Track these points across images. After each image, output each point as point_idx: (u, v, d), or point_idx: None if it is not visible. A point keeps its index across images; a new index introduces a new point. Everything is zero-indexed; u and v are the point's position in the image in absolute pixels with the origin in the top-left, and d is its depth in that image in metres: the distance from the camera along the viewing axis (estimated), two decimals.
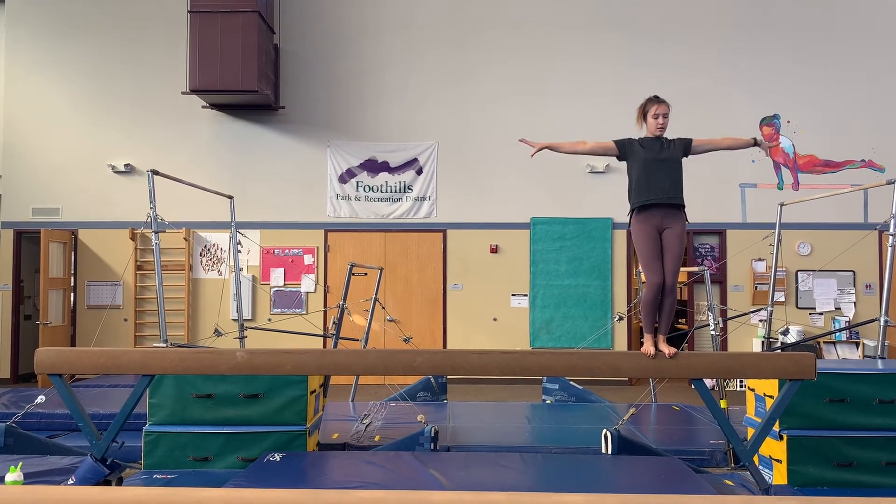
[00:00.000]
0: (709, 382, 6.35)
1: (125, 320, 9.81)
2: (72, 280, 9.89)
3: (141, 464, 4.94)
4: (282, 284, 9.94)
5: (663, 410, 7.24)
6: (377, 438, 5.85)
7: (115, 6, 10.08)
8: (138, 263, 9.77)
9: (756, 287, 9.78)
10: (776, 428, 4.57)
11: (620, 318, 7.96)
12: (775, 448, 4.72)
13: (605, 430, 5.09)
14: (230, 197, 7.24)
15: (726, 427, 4.27)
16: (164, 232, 5.89)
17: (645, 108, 4.24)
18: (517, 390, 9.00)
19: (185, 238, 9.68)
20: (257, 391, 4.91)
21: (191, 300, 9.80)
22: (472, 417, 6.83)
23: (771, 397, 4.73)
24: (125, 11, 10.06)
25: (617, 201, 5.13)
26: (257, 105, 9.81)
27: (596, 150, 4.33)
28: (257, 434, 4.89)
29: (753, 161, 9.90)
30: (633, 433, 5.88)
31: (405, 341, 7.27)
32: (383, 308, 8.25)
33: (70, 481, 4.21)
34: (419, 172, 10.01)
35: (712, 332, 6.52)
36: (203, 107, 9.86)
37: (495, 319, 9.90)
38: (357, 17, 10.11)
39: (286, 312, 9.72)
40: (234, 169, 9.93)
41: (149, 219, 5.64)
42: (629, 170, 4.24)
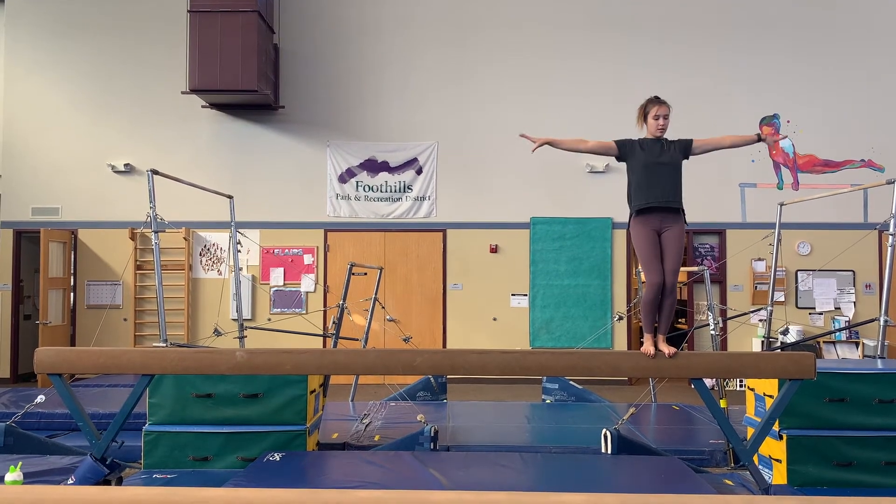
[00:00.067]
0: (708, 382, 6.35)
1: (125, 320, 9.81)
2: (71, 280, 9.89)
3: (141, 463, 4.94)
4: (281, 284, 9.94)
5: (663, 410, 7.24)
6: (377, 438, 5.85)
7: (115, 6, 10.08)
8: (138, 263, 9.77)
9: (756, 287, 9.78)
10: (776, 427, 4.57)
11: (620, 318, 7.95)
12: (775, 448, 4.73)
13: (605, 430, 5.09)
14: (230, 197, 7.24)
15: (726, 427, 4.27)
16: (164, 232, 5.89)
17: (646, 109, 4.23)
18: (517, 390, 9.00)
19: (185, 238, 9.68)
20: (257, 391, 4.91)
21: (190, 300, 9.80)
22: (472, 417, 6.83)
23: (771, 397, 4.73)
24: (125, 11, 10.06)
25: (617, 201, 5.13)
26: (257, 105, 9.81)
27: (597, 150, 4.32)
28: (257, 434, 4.90)
29: (753, 161, 9.91)
30: (633, 433, 5.89)
31: (405, 341, 7.27)
32: (383, 308, 8.25)
33: (70, 481, 4.21)
34: (419, 172, 10.00)
35: (712, 332, 6.52)
36: (203, 106, 9.86)
37: (495, 319, 9.91)
38: (357, 17, 10.11)
39: (286, 312, 9.72)
40: (234, 169, 9.93)
41: (148, 218, 5.64)
42: (629, 172, 4.23)
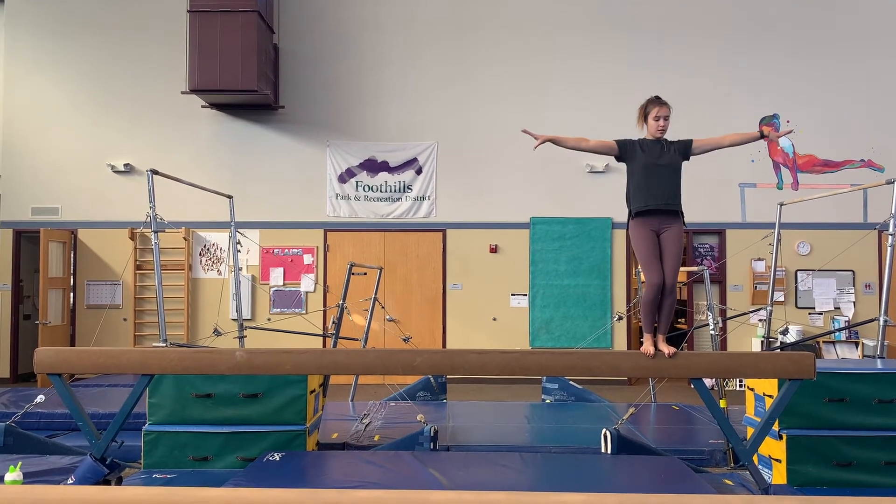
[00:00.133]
0: (708, 382, 6.36)
1: (124, 320, 9.81)
2: (71, 280, 9.88)
3: (140, 463, 4.94)
4: (281, 284, 9.94)
5: (663, 410, 7.24)
6: (377, 438, 5.85)
7: (115, 6, 10.07)
8: (138, 263, 9.77)
9: (755, 287, 9.78)
10: (775, 427, 4.57)
11: (620, 318, 7.95)
12: (775, 448, 4.73)
13: (605, 430, 5.09)
14: (229, 196, 7.24)
15: (726, 427, 4.27)
16: (164, 231, 5.89)
17: (646, 110, 4.21)
18: (517, 390, 9.00)
19: (185, 238, 9.68)
20: (257, 391, 4.91)
21: (190, 300, 9.80)
22: (472, 417, 6.83)
23: (770, 397, 4.73)
24: (125, 11, 10.05)
25: (616, 201, 5.12)
26: (257, 105, 9.81)
27: (598, 149, 4.31)
28: (257, 434, 4.90)
29: (753, 161, 9.91)
30: (633, 433, 5.89)
31: (405, 341, 7.27)
32: (383, 308, 8.24)
33: (69, 481, 4.21)
34: (419, 172, 10.00)
35: (712, 332, 6.52)
36: (202, 106, 9.86)
37: (495, 319, 9.90)
38: (356, 17, 10.10)
39: (286, 312, 9.72)
40: (234, 168, 9.93)
41: (148, 218, 5.64)
42: (629, 173, 4.23)
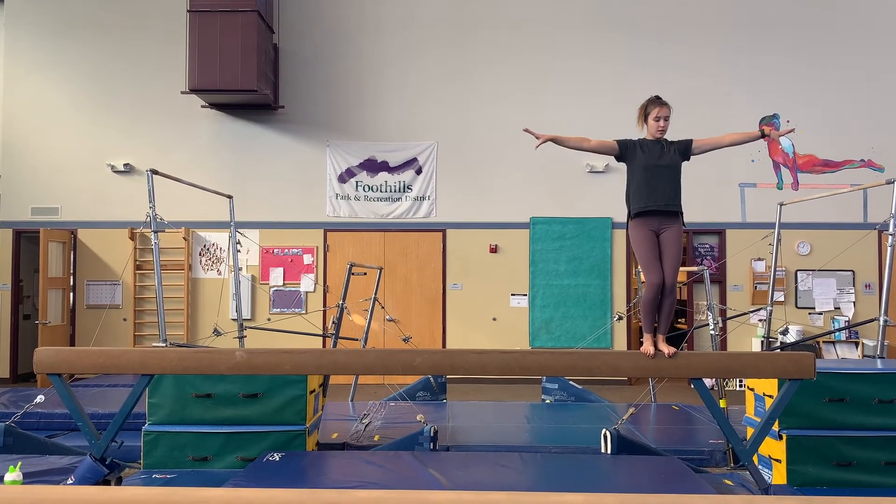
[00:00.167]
0: (708, 382, 6.35)
1: (124, 320, 9.81)
2: (71, 280, 9.88)
3: (140, 463, 4.94)
4: (281, 284, 9.93)
5: (663, 410, 7.24)
6: (376, 438, 5.85)
7: (115, 6, 10.07)
8: (137, 263, 9.77)
9: (755, 287, 9.78)
10: (775, 427, 4.57)
11: (620, 318, 7.95)
12: (775, 448, 4.72)
13: (605, 430, 5.09)
14: (229, 196, 7.24)
15: (726, 427, 4.27)
16: (164, 231, 5.89)
17: (646, 110, 4.21)
18: (516, 390, 9.00)
19: (185, 238, 9.67)
20: (256, 391, 4.91)
21: (190, 300, 9.80)
22: (472, 417, 6.83)
23: (770, 397, 4.73)
24: (125, 11, 10.05)
25: (616, 201, 5.13)
26: (257, 105, 9.81)
27: (599, 149, 4.30)
28: (256, 434, 4.89)
29: (753, 161, 9.91)
30: (633, 433, 5.89)
31: (404, 341, 7.27)
32: (383, 308, 8.24)
33: (69, 481, 4.21)
34: (418, 172, 10.00)
35: (712, 332, 6.52)
36: (202, 106, 9.85)
37: (495, 319, 9.90)
38: (356, 17, 10.10)
39: (285, 312, 9.72)
40: (234, 168, 9.93)
41: (148, 218, 5.64)
42: (629, 173, 4.22)
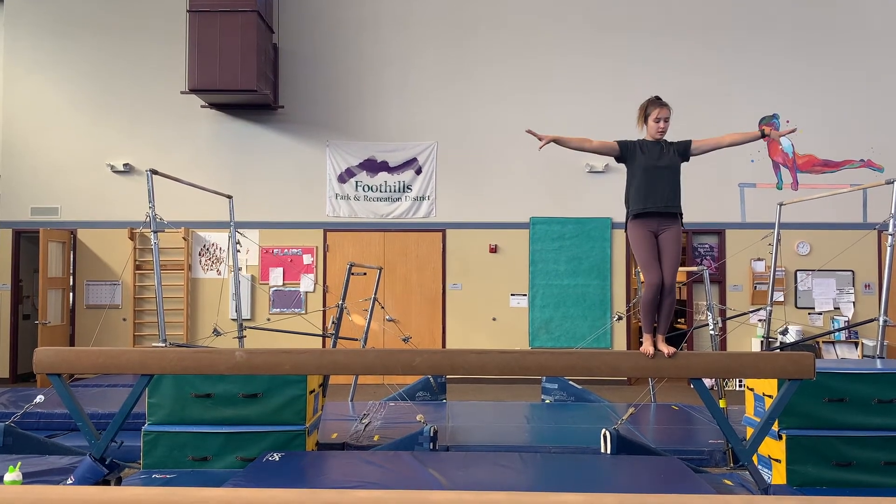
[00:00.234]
0: (708, 382, 6.35)
1: (124, 320, 9.81)
2: (71, 280, 9.88)
3: (140, 463, 4.93)
4: (281, 284, 9.93)
5: (662, 410, 7.24)
6: (376, 438, 5.85)
7: (115, 6, 10.07)
8: (137, 263, 9.77)
9: (755, 287, 9.78)
10: (775, 427, 4.57)
11: (619, 318, 7.94)
12: (774, 448, 4.72)
13: (605, 430, 5.09)
14: (229, 196, 7.24)
15: (725, 427, 4.27)
16: (163, 231, 5.89)
17: (647, 111, 4.21)
18: (516, 390, 9.00)
19: (184, 238, 9.67)
20: (256, 391, 4.91)
21: (190, 300, 9.80)
22: (472, 417, 6.83)
23: (770, 397, 4.73)
24: (125, 11, 10.05)
25: (616, 201, 5.13)
26: (256, 104, 9.81)
27: (600, 150, 4.30)
28: (256, 434, 4.89)
29: (753, 161, 9.91)
30: (633, 433, 5.89)
31: (404, 341, 7.27)
32: (382, 308, 8.24)
33: (69, 481, 4.21)
34: (418, 172, 10.00)
35: (711, 332, 6.52)
36: (202, 106, 9.85)
37: (494, 319, 9.90)
38: (356, 17, 10.10)
39: (285, 312, 9.72)
40: (234, 168, 9.92)
41: (147, 218, 5.64)
42: (628, 174, 4.22)
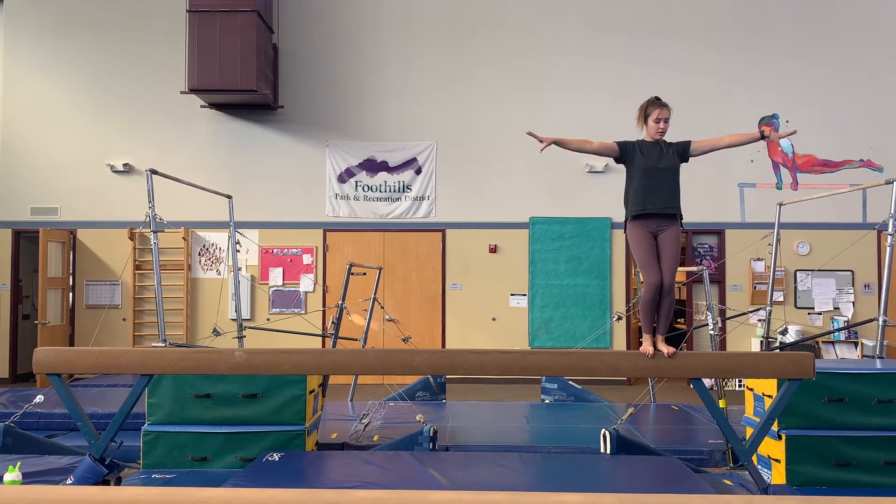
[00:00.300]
0: (707, 382, 6.35)
1: (124, 320, 9.80)
2: (70, 280, 9.88)
3: (139, 463, 4.93)
4: (280, 284, 9.93)
5: (662, 410, 7.24)
6: (376, 438, 5.85)
7: (115, 6, 10.07)
8: (137, 263, 9.77)
9: (755, 287, 9.78)
10: (775, 427, 4.57)
11: (619, 318, 7.94)
12: (774, 448, 4.72)
13: (604, 430, 5.09)
14: (229, 196, 7.24)
15: (725, 427, 4.27)
16: (163, 231, 5.89)
17: (647, 111, 4.21)
18: (516, 390, 9.00)
19: (184, 238, 9.67)
20: (256, 391, 4.91)
21: (189, 300, 9.80)
22: (471, 417, 6.83)
23: (770, 397, 4.73)
24: (124, 11, 10.05)
25: (616, 201, 5.12)
26: (256, 104, 9.80)
27: (600, 151, 4.31)
28: (256, 434, 4.89)
29: (752, 161, 9.91)
30: (632, 433, 5.89)
31: (404, 341, 7.27)
32: (382, 308, 8.24)
33: (69, 481, 4.20)
34: (418, 172, 10.00)
35: (711, 332, 6.52)
36: (202, 106, 9.85)
37: (494, 319, 9.90)
38: (356, 17, 10.10)
39: (285, 312, 9.72)
40: (233, 168, 9.92)
41: (147, 218, 5.63)
42: (628, 175, 4.23)
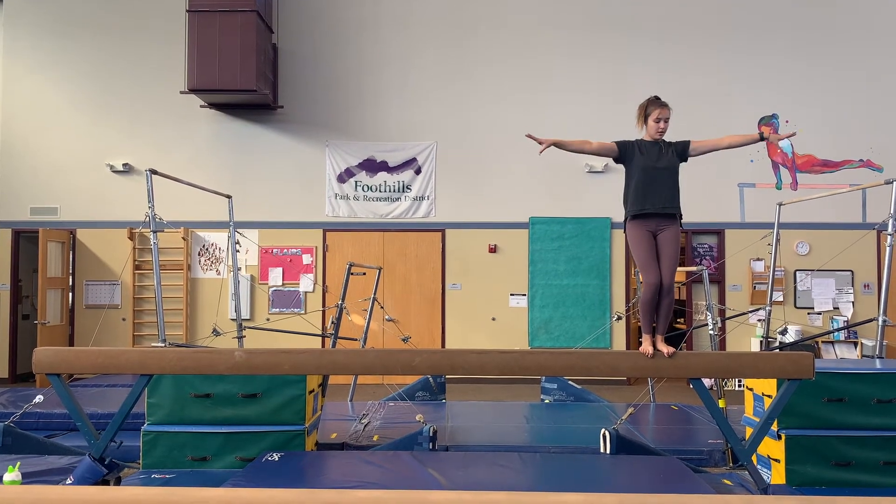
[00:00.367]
0: (707, 382, 6.36)
1: (123, 320, 9.80)
2: (70, 279, 9.88)
3: (139, 463, 4.93)
4: (280, 284, 9.93)
5: (662, 410, 7.24)
6: (375, 438, 5.85)
7: (114, 6, 10.06)
8: (136, 263, 9.77)
9: (754, 287, 9.78)
10: (774, 427, 4.57)
11: (619, 318, 7.94)
12: (773, 447, 4.73)
13: (604, 430, 5.09)
14: (228, 196, 7.24)
15: (725, 426, 4.27)
16: (163, 231, 5.89)
17: (647, 111, 4.21)
18: (516, 390, 9.00)
19: (184, 238, 9.67)
20: (256, 391, 4.91)
21: (189, 300, 9.80)
22: (471, 417, 6.83)
23: (769, 397, 4.73)
24: (124, 11, 10.04)
25: (615, 201, 5.13)
26: (256, 104, 9.80)
27: (599, 151, 4.31)
28: (256, 434, 4.89)
29: (752, 161, 9.91)
30: (632, 433, 5.89)
31: (404, 341, 7.27)
32: (382, 308, 8.24)
33: (68, 481, 4.20)
34: (418, 172, 10.00)
35: (711, 332, 6.52)
36: (202, 106, 9.85)
37: (494, 319, 9.90)
38: (356, 17, 10.10)
39: (285, 312, 9.72)
40: (233, 168, 9.92)
41: (147, 218, 5.63)
42: (627, 175, 4.23)
